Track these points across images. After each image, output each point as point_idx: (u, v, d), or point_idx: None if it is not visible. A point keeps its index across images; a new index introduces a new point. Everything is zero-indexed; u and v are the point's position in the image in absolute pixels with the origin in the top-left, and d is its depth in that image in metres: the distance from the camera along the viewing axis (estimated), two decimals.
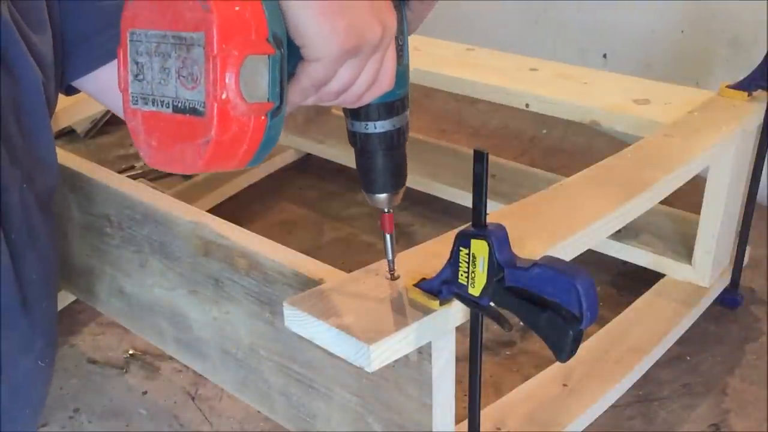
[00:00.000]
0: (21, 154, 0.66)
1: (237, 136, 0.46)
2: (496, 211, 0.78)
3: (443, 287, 0.64)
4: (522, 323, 0.59)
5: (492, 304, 0.61)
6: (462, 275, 0.62)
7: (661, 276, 1.23)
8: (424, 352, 0.68)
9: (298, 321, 0.66)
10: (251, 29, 0.45)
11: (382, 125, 0.60)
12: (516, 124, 1.92)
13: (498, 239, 0.59)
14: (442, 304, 0.65)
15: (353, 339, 0.62)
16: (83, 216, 1.04)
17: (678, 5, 1.65)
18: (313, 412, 0.86)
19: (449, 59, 1.44)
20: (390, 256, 0.68)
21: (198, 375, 1.12)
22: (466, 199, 1.17)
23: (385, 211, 0.65)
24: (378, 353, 0.61)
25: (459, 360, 0.70)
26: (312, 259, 0.79)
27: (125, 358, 1.22)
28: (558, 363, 0.78)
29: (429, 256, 0.72)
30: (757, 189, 1.17)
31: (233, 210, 1.57)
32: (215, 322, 0.92)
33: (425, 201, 1.51)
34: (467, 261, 0.61)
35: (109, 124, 1.94)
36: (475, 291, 0.61)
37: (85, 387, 1.17)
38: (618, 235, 1.23)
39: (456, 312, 0.66)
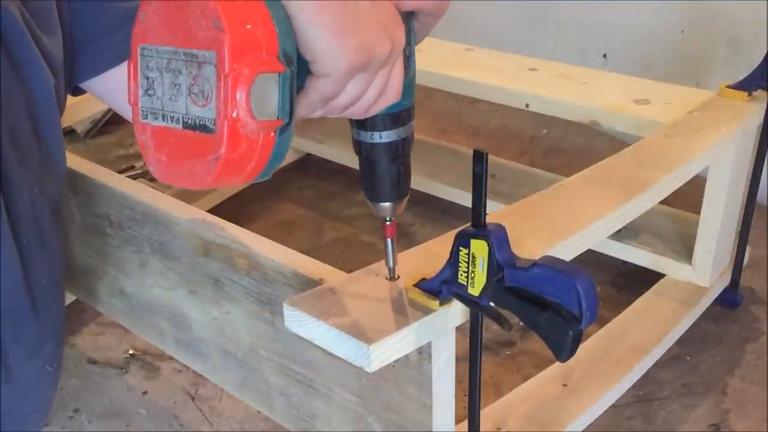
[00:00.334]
0: (32, 157, 0.65)
1: (246, 153, 0.46)
2: (495, 211, 0.78)
3: (443, 287, 0.64)
4: (522, 323, 0.59)
5: (492, 304, 0.61)
6: (462, 275, 0.62)
7: (661, 276, 1.22)
8: (424, 352, 0.68)
9: (298, 321, 0.66)
10: (262, 47, 0.45)
11: (387, 135, 0.60)
12: (516, 124, 1.92)
13: (498, 239, 0.59)
14: (442, 304, 0.65)
15: (353, 339, 0.62)
16: (83, 216, 1.04)
17: (677, 5, 1.65)
18: (313, 412, 0.86)
19: (449, 59, 1.43)
20: (390, 263, 0.68)
21: (198, 375, 1.12)
22: (466, 199, 1.17)
23: (388, 221, 0.65)
24: (378, 353, 0.61)
25: (459, 360, 0.70)
26: (312, 259, 0.79)
27: (125, 358, 1.22)
28: (558, 363, 0.78)
29: (429, 256, 0.72)
30: (757, 189, 1.16)
31: (233, 210, 1.57)
32: (215, 322, 0.92)
33: (425, 201, 1.51)
34: (467, 261, 0.61)
35: (109, 124, 1.94)
36: (475, 291, 0.61)
37: (85, 387, 1.17)
38: (618, 235, 1.23)
39: (456, 312, 0.66)
